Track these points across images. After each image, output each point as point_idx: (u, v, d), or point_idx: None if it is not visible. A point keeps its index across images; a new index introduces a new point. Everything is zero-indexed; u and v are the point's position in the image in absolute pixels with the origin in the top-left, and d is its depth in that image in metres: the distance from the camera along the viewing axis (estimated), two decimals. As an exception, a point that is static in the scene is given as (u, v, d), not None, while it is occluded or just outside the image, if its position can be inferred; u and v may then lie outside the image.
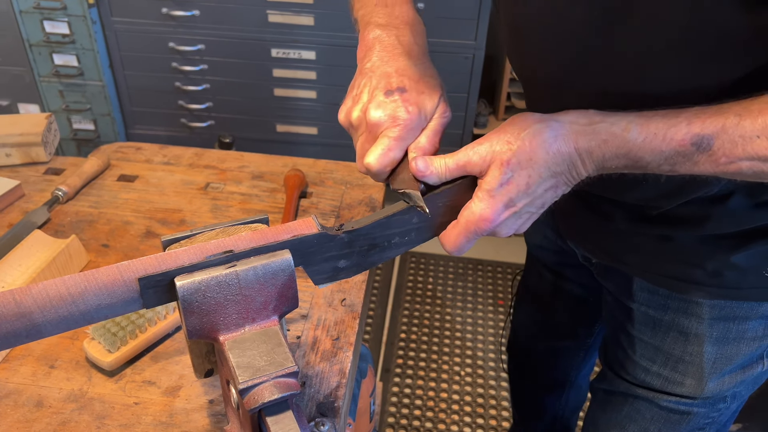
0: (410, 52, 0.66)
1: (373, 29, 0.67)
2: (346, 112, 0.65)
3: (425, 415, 1.77)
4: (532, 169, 0.56)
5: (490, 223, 0.57)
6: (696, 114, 0.53)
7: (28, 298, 0.46)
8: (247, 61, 2.11)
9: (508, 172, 0.56)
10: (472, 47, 2.04)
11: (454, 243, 0.60)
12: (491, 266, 2.29)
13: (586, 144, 0.55)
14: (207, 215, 0.97)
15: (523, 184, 0.56)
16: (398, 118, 0.61)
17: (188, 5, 2.01)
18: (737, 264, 0.70)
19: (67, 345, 0.74)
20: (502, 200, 0.56)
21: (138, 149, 1.11)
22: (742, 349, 0.77)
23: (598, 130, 0.55)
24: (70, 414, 0.67)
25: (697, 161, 0.53)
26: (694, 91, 0.57)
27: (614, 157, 0.56)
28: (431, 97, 0.63)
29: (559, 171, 0.57)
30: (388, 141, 0.60)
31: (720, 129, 0.51)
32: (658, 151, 0.54)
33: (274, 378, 0.49)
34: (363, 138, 0.63)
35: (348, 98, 0.65)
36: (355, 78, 0.66)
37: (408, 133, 0.61)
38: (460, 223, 0.59)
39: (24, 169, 1.04)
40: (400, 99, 0.61)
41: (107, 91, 2.13)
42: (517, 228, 0.60)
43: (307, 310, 0.80)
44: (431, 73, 0.66)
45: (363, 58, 0.66)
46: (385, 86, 0.62)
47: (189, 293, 0.49)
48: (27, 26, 1.99)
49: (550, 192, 0.58)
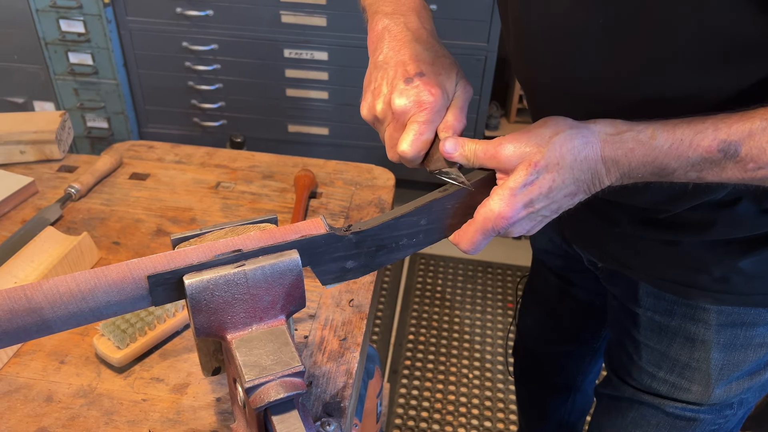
0: (419, 38, 0.66)
1: (381, 19, 0.67)
2: (368, 107, 0.65)
3: (432, 417, 1.77)
4: (558, 174, 0.56)
5: (507, 221, 0.57)
6: (722, 119, 0.53)
7: (39, 294, 0.46)
8: (260, 61, 2.12)
9: (534, 173, 0.56)
10: (484, 49, 2.04)
11: (471, 240, 0.60)
12: (501, 269, 2.28)
13: (613, 153, 0.55)
14: (217, 214, 0.97)
15: (545, 188, 0.56)
16: (423, 102, 0.61)
17: (202, 5, 2.02)
18: (744, 270, 0.69)
19: (77, 341, 0.75)
20: (523, 200, 0.56)
21: (150, 148, 1.12)
22: (750, 356, 0.77)
23: (625, 138, 0.55)
24: (79, 409, 0.67)
25: (725, 167, 0.53)
26: (700, 97, 0.56)
27: (641, 166, 0.55)
28: (449, 76, 0.64)
29: (582, 179, 0.57)
30: (418, 126, 0.61)
31: (747, 135, 0.51)
32: (684, 157, 0.54)
33: (281, 377, 0.49)
34: (391, 128, 0.64)
35: (367, 93, 0.66)
36: (369, 72, 0.66)
37: (435, 116, 0.61)
38: (476, 220, 0.59)
39: (38, 166, 1.06)
40: (421, 84, 0.62)
41: (121, 89, 2.15)
42: (528, 229, 0.60)
43: (314, 310, 0.81)
44: (443, 53, 0.66)
45: (374, 50, 0.67)
46: (403, 74, 0.63)
47: (197, 291, 0.49)
48: (43, 25, 2.01)
49: (568, 198, 0.58)
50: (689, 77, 0.56)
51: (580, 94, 0.64)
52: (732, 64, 0.54)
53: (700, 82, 0.56)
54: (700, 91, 0.57)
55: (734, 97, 0.54)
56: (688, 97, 0.57)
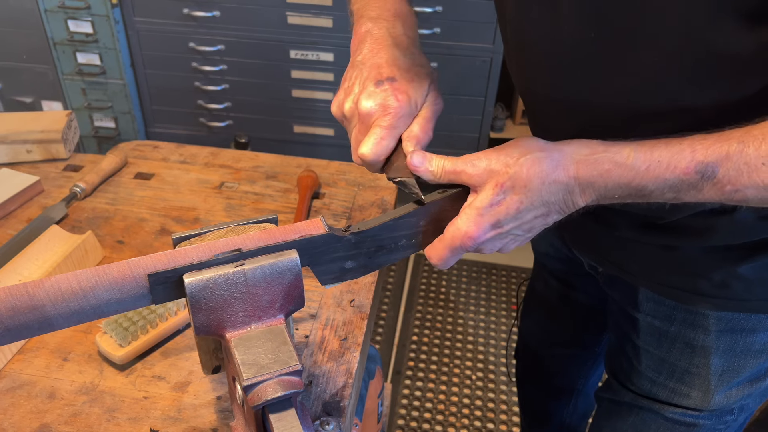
0: (400, 44, 0.66)
1: (365, 22, 0.68)
2: (338, 104, 0.66)
3: (435, 418, 1.77)
4: (525, 196, 0.55)
5: (473, 241, 0.57)
6: (699, 141, 0.52)
7: (41, 291, 0.47)
8: (266, 62, 2.13)
9: (500, 194, 0.55)
10: (489, 51, 2.04)
11: (440, 256, 0.60)
12: (505, 271, 2.28)
13: (588, 174, 0.55)
14: (221, 214, 0.98)
15: (513, 209, 0.56)
16: (388, 106, 0.61)
17: (209, 6, 2.03)
18: (744, 275, 0.69)
19: (80, 338, 0.76)
20: (490, 221, 0.56)
21: (155, 147, 1.13)
22: (750, 362, 0.76)
23: (601, 159, 0.54)
24: (81, 406, 0.68)
25: (702, 189, 0.52)
26: (695, 111, 0.56)
27: (617, 187, 0.55)
28: (421, 85, 0.64)
29: (552, 201, 0.56)
30: (380, 130, 0.61)
31: (724, 157, 0.50)
32: (662, 179, 0.53)
33: (278, 376, 0.49)
34: (356, 129, 0.64)
35: (340, 90, 0.66)
36: (347, 71, 0.67)
37: (399, 121, 0.61)
38: (445, 237, 0.59)
39: (44, 165, 1.07)
40: (390, 88, 0.62)
41: (128, 89, 2.16)
42: (500, 248, 0.60)
43: (316, 310, 0.81)
44: (421, 62, 0.66)
45: (355, 51, 0.67)
46: (375, 77, 0.63)
47: (197, 290, 0.50)
48: (52, 25, 2.03)
49: (539, 219, 0.58)
50: (681, 92, 0.56)
51: (577, 107, 0.64)
52: (722, 78, 0.54)
53: (692, 96, 0.56)
54: (694, 105, 0.56)
55: (728, 111, 0.54)
56: (682, 111, 0.57)
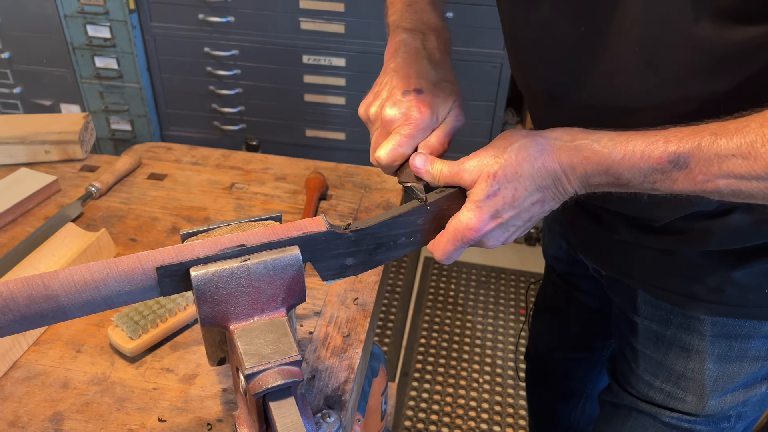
0: (432, 57, 0.69)
1: (400, 33, 0.71)
2: (365, 107, 0.69)
3: (442, 420, 1.78)
4: (518, 183, 0.57)
5: (476, 233, 0.59)
6: (674, 133, 0.54)
7: (56, 282, 0.50)
8: (279, 67, 2.16)
9: (494, 185, 0.57)
10: (499, 57, 2.06)
11: (443, 250, 0.62)
12: (514, 275, 2.29)
13: (569, 160, 0.56)
14: (230, 214, 1.00)
15: (509, 197, 0.58)
16: (411, 117, 0.64)
17: (224, 12, 2.07)
18: (738, 281, 0.69)
19: (92, 331, 0.79)
20: (489, 211, 0.58)
21: (168, 149, 1.16)
22: (745, 369, 0.77)
23: (580, 146, 0.56)
24: (93, 396, 0.71)
25: (675, 179, 0.53)
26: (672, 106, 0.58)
27: (596, 174, 0.56)
28: (446, 100, 0.66)
29: (545, 185, 0.58)
30: (399, 137, 0.64)
31: (696, 147, 0.52)
32: (637, 168, 0.54)
33: (279, 365, 0.52)
34: (378, 132, 0.67)
35: (370, 94, 0.70)
36: (379, 76, 0.70)
37: (418, 132, 0.64)
38: (448, 231, 0.61)
39: (61, 165, 1.10)
40: (414, 99, 0.65)
41: (144, 93, 2.21)
42: (504, 240, 0.62)
43: (320, 307, 0.83)
44: (450, 78, 0.69)
45: (389, 59, 0.70)
46: (403, 86, 0.66)
47: (203, 283, 0.52)
48: (71, 30, 2.08)
49: (537, 206, 0.59)
50: (667, 86, 0.58)
51: (570, 100, 0.65)
52: (708, 73, 0.55)
53: (679, 90, 0.58)
54: (683, 98, 0.58)
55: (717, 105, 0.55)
56: (673, 104, 0.58)
